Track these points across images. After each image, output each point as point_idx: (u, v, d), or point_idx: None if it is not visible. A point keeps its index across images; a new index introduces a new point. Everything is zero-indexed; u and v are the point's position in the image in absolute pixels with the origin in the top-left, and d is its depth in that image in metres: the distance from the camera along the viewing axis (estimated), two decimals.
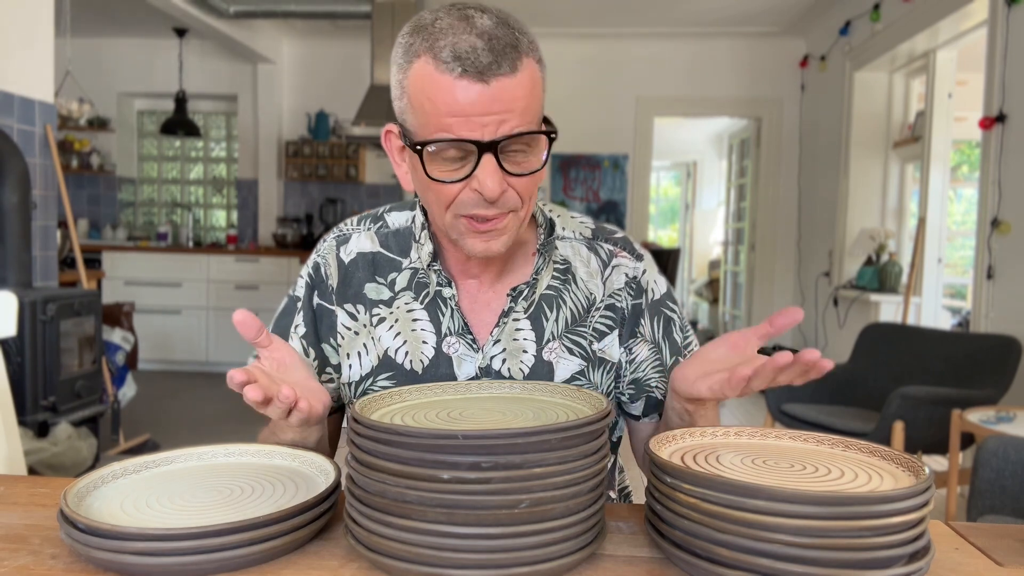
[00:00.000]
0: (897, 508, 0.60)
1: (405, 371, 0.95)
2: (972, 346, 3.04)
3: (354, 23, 5.58)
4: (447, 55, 0.77)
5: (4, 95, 2.94)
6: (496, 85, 0.77)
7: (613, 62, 5.84)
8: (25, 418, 2.65)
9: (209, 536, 0.63)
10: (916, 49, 4.21)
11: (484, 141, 0.78)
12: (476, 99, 0.77)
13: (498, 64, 0.77)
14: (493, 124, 0.78)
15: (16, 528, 0.74)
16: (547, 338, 0.95)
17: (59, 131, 5.19)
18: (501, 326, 0.94)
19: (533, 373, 0.94)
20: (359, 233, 1.00)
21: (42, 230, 3.19)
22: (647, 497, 0.73)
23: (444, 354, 0.94)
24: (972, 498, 1.88)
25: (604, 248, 1.00)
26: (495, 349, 0.94)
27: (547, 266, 0.96)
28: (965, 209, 5.52)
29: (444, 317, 0.94)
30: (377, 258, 0.97)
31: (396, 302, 0.96)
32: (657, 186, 9.61)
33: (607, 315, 0.97)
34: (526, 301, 0.95)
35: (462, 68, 0.76)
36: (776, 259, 5.87)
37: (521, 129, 0.80)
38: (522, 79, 0.79)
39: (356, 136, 4.87)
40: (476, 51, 0.76)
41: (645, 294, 0.99)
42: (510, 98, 0.78)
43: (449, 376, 0.94)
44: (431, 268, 0.94)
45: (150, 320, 5.61)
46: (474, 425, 0.74)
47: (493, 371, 0.94)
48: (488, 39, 0.77)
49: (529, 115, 0.80)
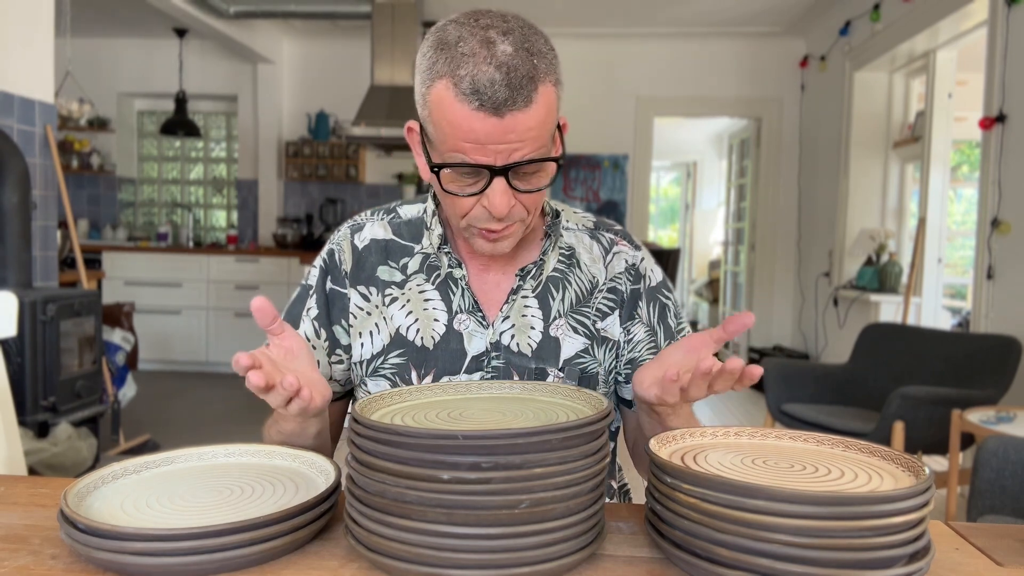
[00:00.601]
0: (897, 508, 0.60)
1: (416, 348, 0.98)
2: (972, 346, 3.04)
3: (354, 23, 5.58)
4: (466, 87, 0.81)
5: (4, 95, 2.94)
6: (510, 118, 0.81)
7: (613, 62, 5.85)
8: (25, 418, 2.65)
9: (209, 536, 0.63)
10: (916, 49, 4.21)
11: (496, 167, 0.84)
12: (491, 131, 0.82)
13: (513, 100, 0.81)
14: (505, 152, 0.83)
15: (16, 528, 0.74)
16: (554, 316, 0.99)
17: (59, 131, 5.18)
18: (510, 303, 0.99)
19: (540, 348, 0.98)
20: (372, 222, 1.04)
21: (42, 230, 3.19)
22: (647, 497, 0.73)
23: (455, 330, 0.98)
24: (972, 498, 1.88)
25: (605, 237, 1.06)
26: (504, 325, 0.98)
27: (553, 249, 1.01)
28: (965, 209, 5.52)
29: (455, 296, 0.98)
30: (390, 244, 1.02)
31: (408, 284, 1.00)
32: (657, 186, 9.62)
33: (609, 296, 1.03)
34: (534, 280, 1.00)
35: (479, 102, 0.81)
36: (776, 259, 5.87)
37: (531, 157, 0.85)
38: (536, 110, 0.83)
39: (356, 136, 4.87)
40: (494, 86, 0.80)
41: (643, 279, 1.05)
42: (523, 129, 0.82)
43: (459, 351, 0.97)
44: (442, 251, 0.98)
45: (150, 320, 5.61)
46: (474, 425, 0.74)
47: (503, 346, 0.97)
48: (506, 72, 0.81)
49: (541, 142, 0.85)
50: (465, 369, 0.97)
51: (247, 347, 3.14)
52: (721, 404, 5.15)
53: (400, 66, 4.98)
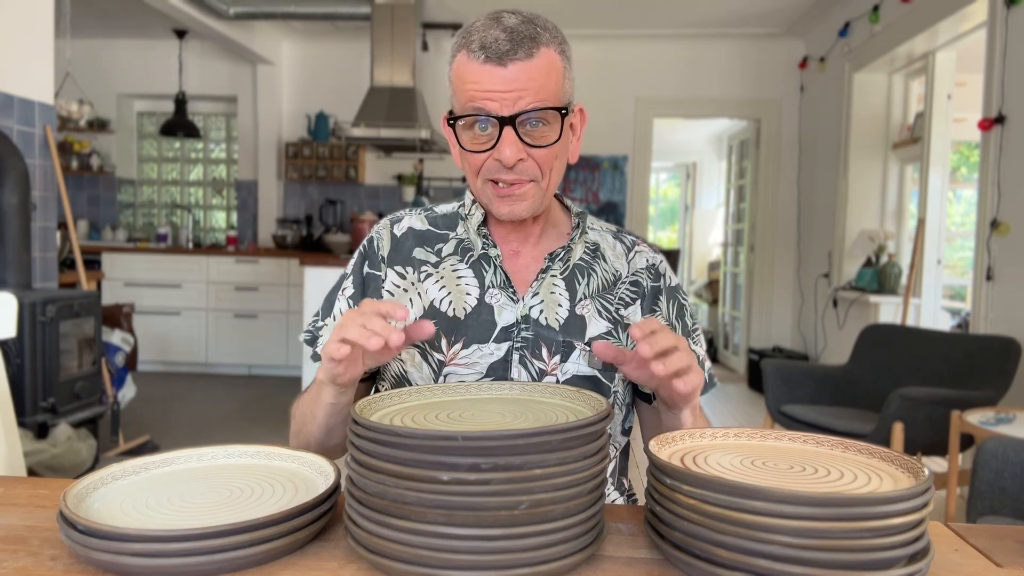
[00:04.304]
0: (897, 509, 0.60)
1: (448, 318, 1.02)
2: (971, 347, 3.04)
3: (354, 24, 5.58)
4: (475, 46, 0.93)
5: (4, 96, 2.94)
6: (512, 67, 0.92)
7: (613, 63, 5.85)
8: (25, 419, 2.65)
9: (209, 537, 0.63)
10: (915, 50, 4.21)
11: (504, 115, 0.93)
12: (495, 79, 0.92)
13: (514, 51, 0.91)
14: (511, 100, 0.92)
15: (16, 529, 0.74)
16: (580, 297, 1.04)
17: (59, 132, 5.18)
18: (540, 280, 1.04)
19: (568, 324, 1.02)
20: (411, 215, 1.12)
21: (42, 231, 3.19)
22: (647, 498, 0.73)
23: (486, 303, 1.02)
24: (971, 499, 1.88)
25: (627, 238, 1.14)
26: (534, 300, 1.03)
27: (580, 239, 1.08)
28: (964, 210, 5.52)
29: (488, 273, 1.04)
30: (426, 233, 1.09)
31: (443, 264, 1.06)
32: (657, 187, 9.62)
33: (631, 288, 1.08)
34: (562, 263, 1.05)
35: (485, 55, 0.92)
36: (776, 260, 5.87)
37: (536, 105, 0.93)
38: (538, 63, 0.93)
39: (356, 137, 4.87)
40: (498, 41, 0.92)
41: (663, 278, 1.10)
42: (525, 78, 0.92)
43: (490, 322, 1.01)
44: (479, 233, 1.05)
45: (150, 321, 5.61)
46: (474, 426, 0.74)
47: (532, 319, 1.01)
48: (510, 32, 0.92)
49: (544, 94, 0.94)
50: (494, 339, 1.00)
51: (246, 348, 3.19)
52: (720, 405, 5.15)
53: (400, 67, 4.98)
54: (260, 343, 5.69)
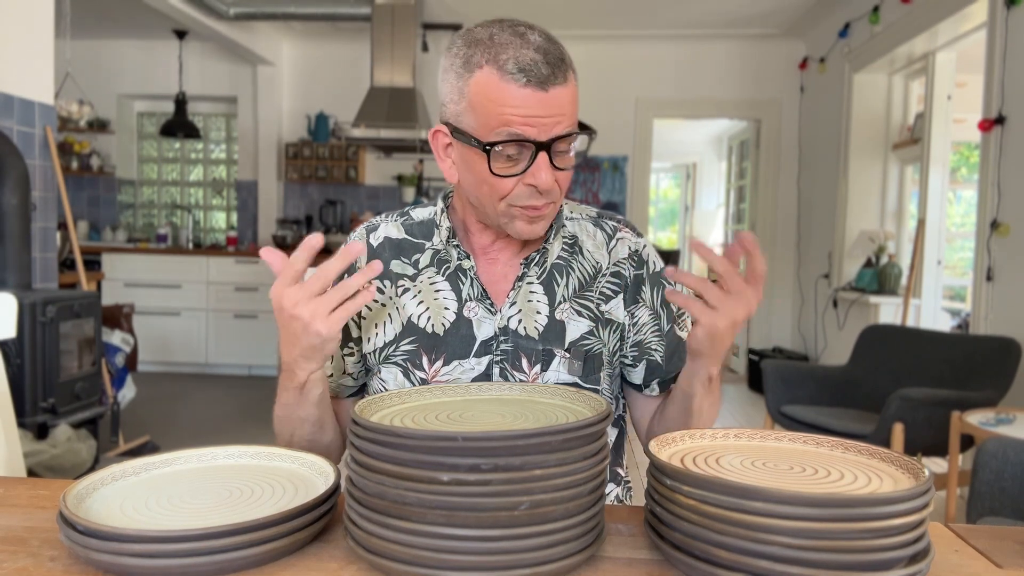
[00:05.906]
0: (897, 510, 0.60)
1: (427, 334, 1.02)
2: (971, 348, 3.04)
3: (354, 25, 5.59)
4: (512, 67, 0.89)
5: (4, 96, 2.94)
6: (553, 92, 0.90)
7: (612, 64, 5.85)
8: (24, 420, 2.65)
9: (209, 538, 0.63)
10: (915, 51, 4.21)
11: (541, 140, 0.91)
12: (537, 104, 0.89)
13: (554, 76, 0.90)
14: (549, 125, 0.91)
15: (15, 530, 0.74)
16: (559, 300, 1.04)
17: (59, 133, 5.18)
18: (516, 289, 1.03)
19: (547, 331, 1.02)
20: (387, 223, 1.10)
21: (42, 232, 3.19)
22: (647, 499, 0.73)
23: (464, 317, 1.02)
24: (972, 500, 1.88)
25: (609, 224, 1.11)
26: (511, 310, 1.02)
27: (556, 237, 1.06)
28: (964, 211, 5.52)
29: (464, 286, 1.03)
30: (403, 243, 1.08)
31: (420, 276, 1.05)
32: (657, 188, 9.62)
33: (612, 281, 1.07)
34: (538, 267, 1.04)
35: (527, 79, 0.89)
36: (775, 261, 5.87)
37: (571, 129, 0.93)
38: (570, 88, 0.92)
39: (356, 138, 4.88)
40: (537, 64, 0.89)
41: (646, 265, 1.09)
42: (563, 103, 0.91)
43: (469, 337, 1.01)
44: (451, 244, 1.03)
45: (150, 322, 5.60)
46: (474, 427, 0.74)
47: (511, 330, 1.02)
48: (544, 53, 0.90)
49: (574, 117, 0.94)
50: (474, 353, 1.01)
51: (246, 348, 3.20)
52: (720, 406, 5.14)
53: (400, 68, 4.98)
54: (260, 343, 5.68)
